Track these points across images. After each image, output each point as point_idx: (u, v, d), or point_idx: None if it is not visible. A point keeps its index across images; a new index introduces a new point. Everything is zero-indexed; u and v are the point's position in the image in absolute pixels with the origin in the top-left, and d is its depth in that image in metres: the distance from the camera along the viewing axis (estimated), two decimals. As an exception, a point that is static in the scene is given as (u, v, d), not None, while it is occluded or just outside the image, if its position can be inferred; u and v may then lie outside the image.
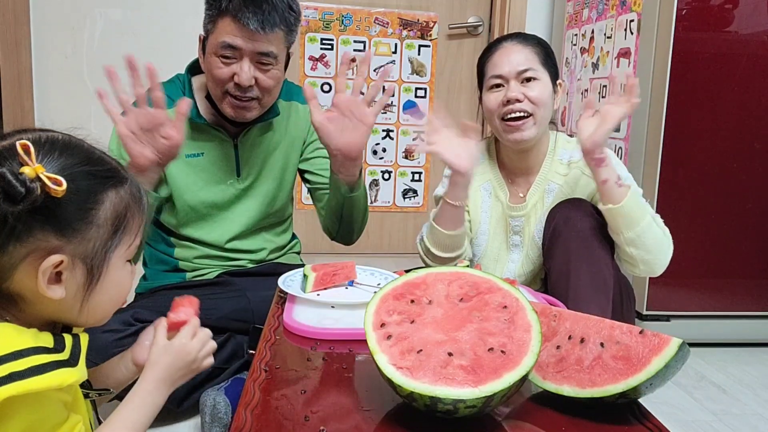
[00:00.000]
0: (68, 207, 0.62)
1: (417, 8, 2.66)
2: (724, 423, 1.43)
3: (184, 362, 0.75)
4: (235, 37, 1.23)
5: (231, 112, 1.31)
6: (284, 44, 1.29)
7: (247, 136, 1.41)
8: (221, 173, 1.40)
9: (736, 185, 1.84)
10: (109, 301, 0.70)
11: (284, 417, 0.69)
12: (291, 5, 1.27)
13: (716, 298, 1.89)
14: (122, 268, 0.70)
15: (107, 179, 0.66)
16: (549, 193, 1.38)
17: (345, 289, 1.14)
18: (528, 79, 1.32)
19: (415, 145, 1.35)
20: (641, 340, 0.72)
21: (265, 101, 1.33)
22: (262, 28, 1.21)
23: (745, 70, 1.79)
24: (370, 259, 1.51)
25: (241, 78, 1.25)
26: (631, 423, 0.72)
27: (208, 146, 1.39)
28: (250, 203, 1.44)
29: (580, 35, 2.30)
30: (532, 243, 1.39)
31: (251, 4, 1.21)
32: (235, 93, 1.28)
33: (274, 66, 1.29)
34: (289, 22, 1.27)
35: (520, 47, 1.34)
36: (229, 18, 1.22)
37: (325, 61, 2.63)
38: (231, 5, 1.21)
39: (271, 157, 1.45)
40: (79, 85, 2.35)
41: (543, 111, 1.32)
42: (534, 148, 1.38)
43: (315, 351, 0.89)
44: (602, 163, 1.17)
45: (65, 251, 0.63)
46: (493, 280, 0.78)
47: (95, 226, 0.65)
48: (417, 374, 0.66)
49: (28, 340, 0.61)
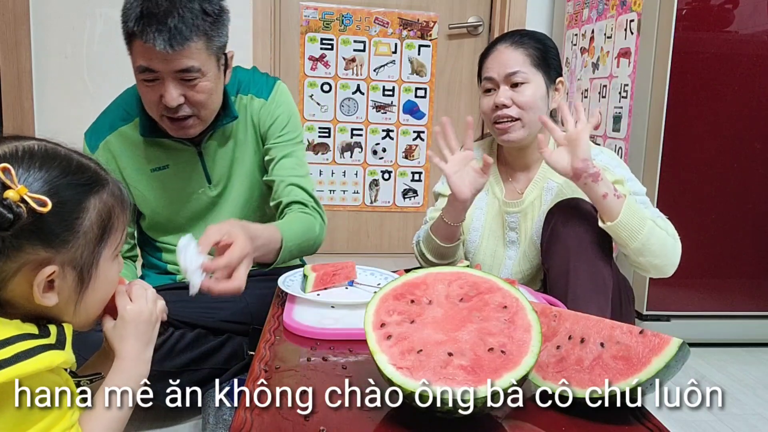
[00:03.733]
0: (54, 220, 0.63)
1: (417, 8, 2.66)
2: (724, 423, 1.43)
3: (143, 323, 0.75)
4: (148, 60, 1.14)
5: (172, 133, 1.26)
6: (207, 53, 1.18)
7: (210, 142, 1.35)
8: (191, 183, 1.36)
9: (736, 185, 1.84)
10: (101, 298, 0.72)
11: (284, 417, 0.69)
12: (205, 9, 1.16)
13: (716, 298, 1.89)
14: (111, 265, 0.72)
15: (89, 186, 0.67)
16: (548, 192, 1.38)
17: (345, 289, 1.14)
18: (517, 83, 1.32)
19: (431, 154, 1.32)
20: (641, 340, 0.72)
21: (204, 115, 1.24)
22: (171, 46, 1.11)
23: (745, 70, 1.79)
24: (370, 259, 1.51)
25: (167, 100, 1.17)
26: (631, 423, 0.72)
27: (172, 158, 1.34)
28: (227, 208, 1.40)
29: (580, 35, 2.30)
30: (530, 241, 1.39)
31: (155, 22, 1.10)
32: (169, 114, 1.21)
33: (202, 79, 1.19)
34: (206, 28, 1.15)
35: (512, 49, 1.34)
36: (138, 41, 1.13)
37: (325, 61, 2.63)
38: (136, 27, 1.11)
39: (239, 158, 1.38)
40: (79, 85, 2.35)
41: (532, 114, 1.32)
42: (531, 145, 1.39)
43: (315, 351, 0.89)
44: (598, 178, 1.17)
45: (55, 261, 0.64)
46: (493, 280, 0.78)
47: (82, 234, 0.66)
48: (417, 374, 0.66)
49: (12, 330, 0.62)
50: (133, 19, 1.11)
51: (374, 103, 2.70)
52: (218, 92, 1.25)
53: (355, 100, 2.68)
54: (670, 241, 1.24)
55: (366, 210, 2.78)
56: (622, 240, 1.19)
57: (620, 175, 1.29)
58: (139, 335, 0.75)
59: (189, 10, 1.12)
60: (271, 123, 1.36)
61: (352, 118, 2.70)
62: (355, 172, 2.74)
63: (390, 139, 2.74)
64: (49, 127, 2.29)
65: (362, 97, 2.68)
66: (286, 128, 1.37)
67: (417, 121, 2.74)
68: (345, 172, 2.74)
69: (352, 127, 2.70)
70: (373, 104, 2.70)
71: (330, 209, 2.73)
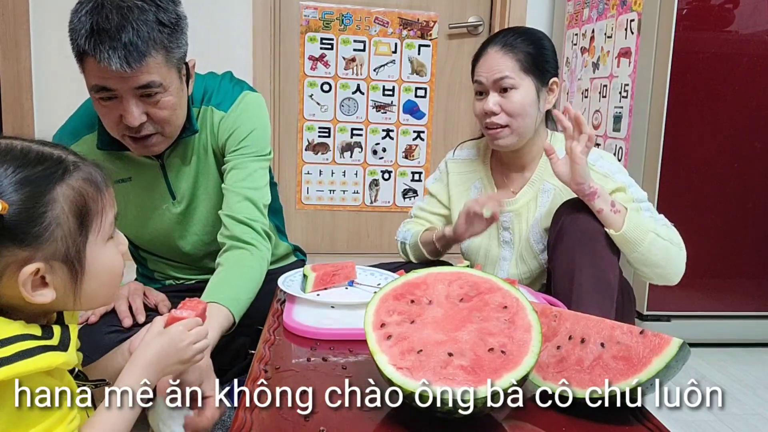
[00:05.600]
0: (20, 219, 0.61)
1: (417, 8, 2.66)
2: (724, 423, 1.43)
3: (175, 348, 0.74)
4: (104, 80, 1.05)
5: (136, 152, 1.18)
6: (167, 66, 1.09)
7: (173, 155, 1.26)
8: (154, 197, 1.28)
9: (736, 185, 1.84)
10: (104, 283, 0.70)
11: (284, 417, 0.69)
12: (160, 19, 1.06)
13: (716, 298, 1.89)
14: (105, 249, 0.70)
15: (50, 177, 0.64)
16: (544, 193, 1.38)
17: (345, 289, 1.14)
18: (506, 88, 1.31)
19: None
20: (642, 341, 0.72)
21: (168, 131, 1.16)
22: (127, 64, 1.02)
23: (746, 70, 1.79)
24: (370, 259, 1.51)
25: (128, 120, 1.08)
26: (631, 423, 0.72)
27: (135, 170, 1.26)
28: (194, 226, 1.32)
29: (580, 35, 2.30)
30: (525, 244, 1.38)
31: (107, 39, 1.01)
32: (131, 134, 1.12)
33: (164, 94, 1.10)
34: (163, 40, 1.06)
35: (501, 54, 1.32)
36: (91, 59, 1.03)
37: (324, 61, 2.63)
38: (87, 45, 1.02)
39: (203, 173, 1.29)
40: (79, 85, 2.34)
41: (520, 120, 1.32)
42: (525, 147, 1.38)
43: (315, 351, 0.89)
44: (594, 197, 1.18)
45: (37, 258, 0.63)
46: (493, 280, 0.78)
47: (56, 226, 0.64)
48: (417, 374, 0.66)
49: (15, 330, 0.62)
50: (83, 36, 1.02)
51: (374, 103, 2.70)
52: (182, 106, 1.17)
53: (355, 99, 2.68)
54: (674, 251, 1.23)
55: (366, 210, 2.78)
56: (623, 249, 1.21)
57: (621, 182, 1.28)
58: (162, 354, 0.74)
59: (143, 22, 1.03)
60: (228, 136, 1.26)
61: (352, 117, 2.69)
62: (355, 172, 2.74)
63: (390, 139, 2.74)
64: (49, 127, 2.28)
65: (362, 97, 2.68)
66: (244, 141, 1.26)
67: (417, 120, 2.74)
68: (345, 172, 2.74)
69: (352, 126, 2.70)
70: (373, 104, 2.70)
71: (330, 209, 2.73)
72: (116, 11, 1.01)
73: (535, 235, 1.36)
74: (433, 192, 1.53)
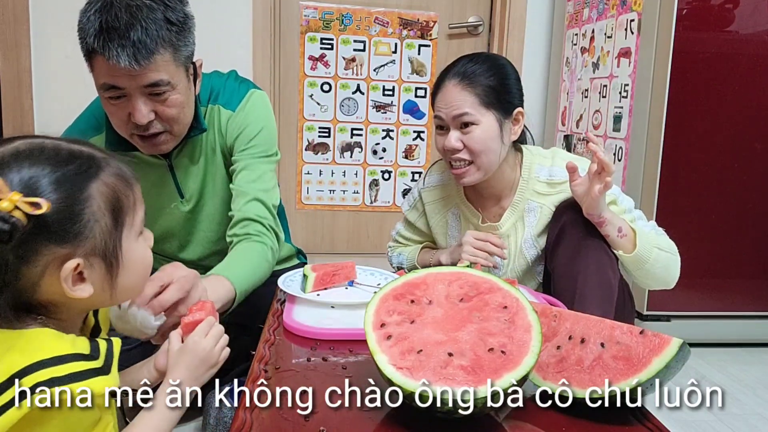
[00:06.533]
0: (59, 217, 0.62)
1: (417, 8, 2.66)
2: (724, 423, 1.43)
3: (199, 359, 0.76)
4: (113, 78, 1.06)
5: (144, 150, 1.19)
6: (175, 64, 1.10)
7: (181, 155, 1.28)
8: (163, 197, 1.30)
9: (736, 185, 1.84)
10: (137, 277, 0.73)
11: (284, 417, 0.69)
12: (168, 18, 1.08)
13: (716, 298, 1.89)
14: (137, 244, 0.72)
15: (84, 174, 0.65)
16: (530, 212, 1.34)
17: (345, 289, 1.14)
18: (467, 123, 1.26)
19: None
20: (642, 341, 0.72)
21: (176, 130, 1.17)
22: (136, 62, 1.03)
23: (746, 70, 1.80)
24: (370, 259, 1.51)
25: (137, 118, 1.10)
26: (631, 423, 0.72)
27: (143, 171, 1.22)
28: (203, 224, 1.33)
29: (580, 35, 2.30)
30: (518, 254, 1.37)
31: (116, 37, 1.02)
32: (140, 132, 1.14)
33: (172, 92, 1.11)
34: (171, 39, 1.08)
35: (459, 89, 1.26)
36: (100, 57, 1.05)
37: (324, 61, 2.63)
38: (96, 43, 1.03)
39: (211, 172, 1.31)
40: (79, 85, 2.35)
41: (483, 157, 1.26)
42: (495, 177, 1.33)
43: (315, 351, 0.89)
44: (603, 225, 1.19)
45: (76, 254, 0.64)
46: (493, 280, 0.78)
47: (94, 222, 0.65)
48: (417, 374, 0.66)
49: (68, 347, 0.63)
50: (92, 34, 1.03)
51: (374, 103, 2.70)
52: (190, 105, 1.18)
53: (355, 99, 2.68)
54: (672, 260, 1.25)
55: (366, 210, 2.78)
56: (628, 268, 1.23)
57: (612, 195, 1.26)
58: (191, 369, 0.75)
59: (152, 20, 1.04)
60: (236, 135, 1.28)
61: (352, 117, 2.69)
62: (355, 172, 2.74)
63: (390, 139, 2.74)
64: (50, 127, 2.28)
65: (362, 97, 2.68)
66: (253, 141, 1.28)
67: (417, 120, 2.74)
68: (345, 172, 2.74)
69: (352, 126, 2.70)
70: (373, 104, 2.70)
71: (330, 209, 2.73)
72: (125, 10, 1.03)
73: (527, 242, 1.35)
74: (411, 220, 1.51)
